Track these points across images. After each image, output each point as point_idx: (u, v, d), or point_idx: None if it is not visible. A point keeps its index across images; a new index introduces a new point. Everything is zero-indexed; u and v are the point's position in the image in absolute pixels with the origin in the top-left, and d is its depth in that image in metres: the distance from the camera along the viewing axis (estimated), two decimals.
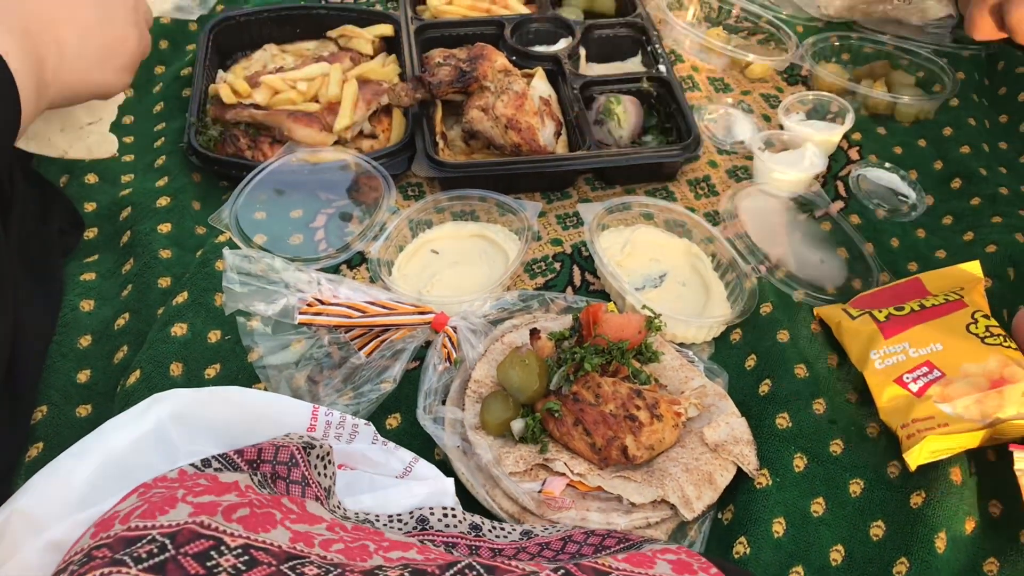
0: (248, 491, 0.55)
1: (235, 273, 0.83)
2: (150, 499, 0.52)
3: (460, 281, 1.02)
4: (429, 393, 0.86)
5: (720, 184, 1.17)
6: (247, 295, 0.84)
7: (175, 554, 0.48)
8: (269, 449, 0.61)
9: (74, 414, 0.87)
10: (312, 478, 0.61)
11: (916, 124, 1.27)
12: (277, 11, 1.32)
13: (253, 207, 1.06)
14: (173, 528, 0.49)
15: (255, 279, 0.85)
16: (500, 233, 1.06)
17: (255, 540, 0.50)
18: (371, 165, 1.08)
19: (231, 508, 0.52)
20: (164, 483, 0.54)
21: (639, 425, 0.81)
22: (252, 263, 0.85)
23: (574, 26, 1.31)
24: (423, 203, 1.06)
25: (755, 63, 1.32)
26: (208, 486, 0.54)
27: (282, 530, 0.52)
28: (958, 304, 0.90)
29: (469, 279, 1.03)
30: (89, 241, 1.05)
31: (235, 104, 1.14)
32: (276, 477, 0.60)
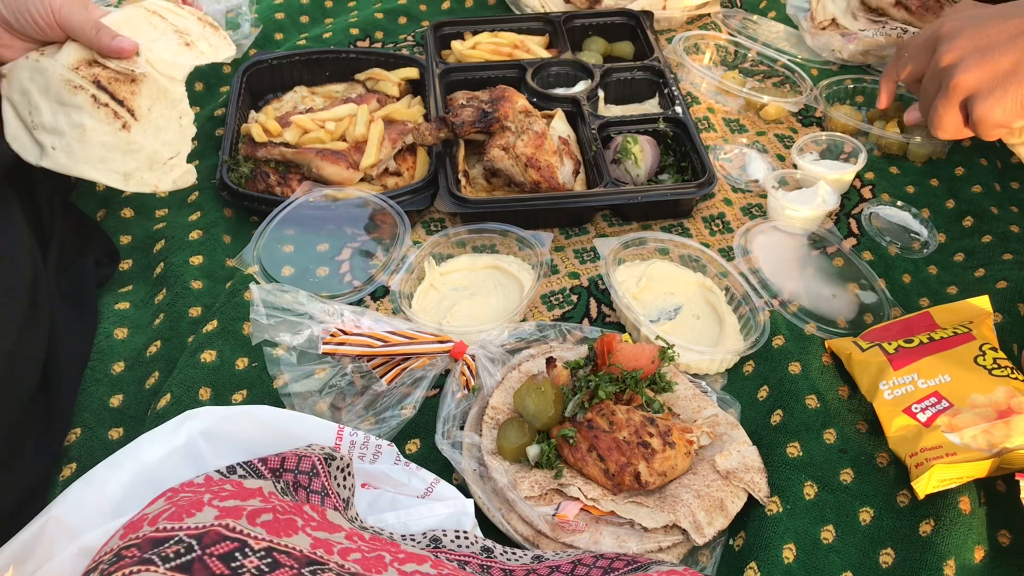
0: (272, 497, 0.58)
1: (262, 306, 0.87)
2: (177, 502, 0.55)
3: (477, 311, 1.06)
4: (448, 419, 0.88)
5: (735, 221, 1.20)
6: (273, 327, 0.88)
7: (201, 554, 0.51)
8: (292, 459, 0.64)
9: (106, 436, 0.91)
10: (332, 489, 0.64)
11: (928, 164, 1.30)
12: (307, 55, 1.38)
13: (281, 241, 1.10)
14: (200, 530, 0.52)
15: (281, 311, 0.88)
16: (514, 264, 1.10)
17: (278, 544, 0.53)
18: (387, 204, 1.12)
19: (255, 513, 0.54)
20: (191, 488, 0.57)
21: (652, 452, 0.83)
22: (278, 296, 0.89)
23: (593, 69, 1.35)
24: (440, 236, 1.10)
25: (770, 104, 1.35)
26: (233, 491, 0.57)
27: (303, 536, 0.55)
28: (966, 337, 0.92)
29: (485, 309, 1.06)
30: (124, 272, 1.09)
31: (266, 142, 1.18)
32: (298, 486, 0.63)
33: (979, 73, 0.89)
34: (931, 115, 0.96)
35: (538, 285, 1.05)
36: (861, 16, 1.48)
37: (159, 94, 1.03)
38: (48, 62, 1.01)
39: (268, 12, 1.54)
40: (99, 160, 1.02)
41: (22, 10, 0.97)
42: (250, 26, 1.47)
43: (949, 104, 0.93)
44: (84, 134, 1.00)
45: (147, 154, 1.05)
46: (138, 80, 1.01)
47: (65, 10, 0.98)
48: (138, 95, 1.04)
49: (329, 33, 1.51)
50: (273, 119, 1.23)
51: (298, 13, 1.57)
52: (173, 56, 1.04)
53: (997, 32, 0.88)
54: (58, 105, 1.01)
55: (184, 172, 1.09)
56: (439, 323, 1.02)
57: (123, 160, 1.04)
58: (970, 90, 0.90)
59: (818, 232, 1.15)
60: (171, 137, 1.07)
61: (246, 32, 1.46)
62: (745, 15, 1.59)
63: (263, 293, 0.90)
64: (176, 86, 1.04)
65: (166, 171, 1.08)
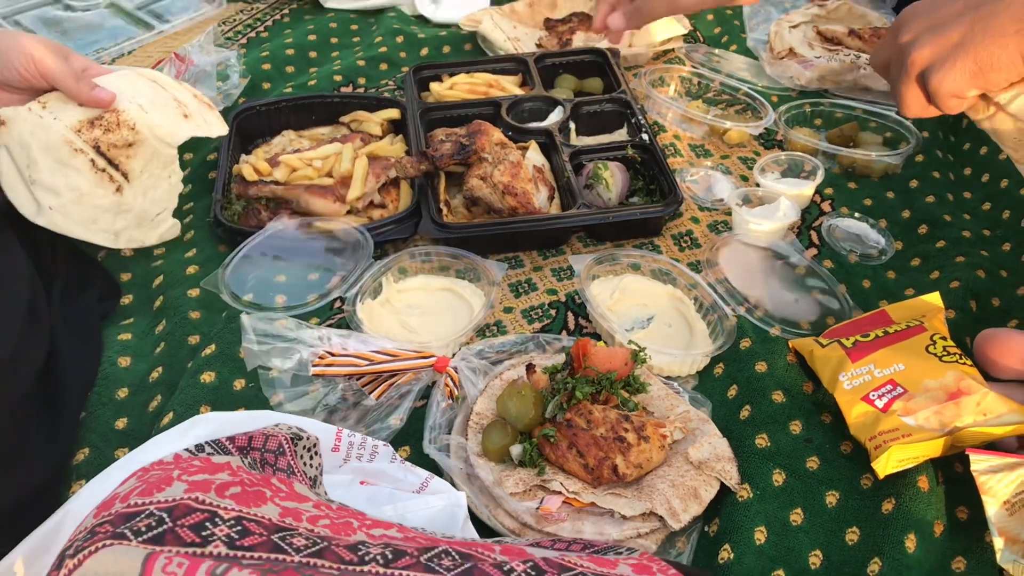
0: (239, 471, 0.62)
1: (253, 333, 0.93)
2: (148, 480, 0.59)
3: (425, 329, 1.11)
4: (434, 427, 0.94)
5: (702, 238, 1.27)
6: (266, 353, 0.94)
7: (172, 526, 0.54)
8: (259, 437, 0.68)
9: (113, 455, 0.96)
10: (298, 467, 0.68)
11: (884, 178, 1.37)
12: (294, 100, 1.45)
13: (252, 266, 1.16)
14: (170, 503, 0.56)
15: (272, 338, 0.94)
16: (468, 289, 1.16)
17: (247, 513, 0.57)
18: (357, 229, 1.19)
19: (224, 486, 0.58)
20: (160, 466, 0.61)
21: (627, 446, 0.89)
22: (268, 324, 0.95)
23: (564, 103, 1.43)
24: (395, 256, 1.16)
25: (732, 130, 1.43)
26: (202, 467, 0.61)
27: (272, 506, 0.59)
28: (919, 329, 0.98)
29: (435, 328, 1.11)
30: (125, 306, 1.15)
31: (256, 181, 1.25)
32: (264, 463, 0.67)
33: (932, 48, 0.93)
34: (896, 95, 1.01)
35: (485, 313, 1.10)
36: (817, 46, 1.57)
37: (151, 156, 1.10)
38: (50, 120, 1.07)
39: (255, 63, 1.62)
40: (91, 221, 1.10)
41: (4, 62, 1.04)
42: (239, 76, 1.55)
43: (908, 81, 0.97)
44: (80, 198, 1.07)
45: (136, 213, 1.13)
46: (135, 144, 1.08)
47: (46, 61, 1.05)
48: (133, 158, 1.11)
49: (314, 81, 1.59)
50: (263, 160, 1.30)
51: (284, 63, 1.66)
52: (172, 125, 1.11)
53: (947, 11, 0.93)
54: (56, 164, 1.07)
55: (170, 227, 1.18)
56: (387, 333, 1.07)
57: (114, 220, 1.11)
58: (924, 64, 0.95)
59: (781, 244, 1.22)
60: (160, 195, 1.16)
61: (235, 82, 1.54)
62: (708, 49, 1.68)
63: (254, 321, 0.96)
64: (168, 149, 1.11)
65: (153, 227, 1.16)
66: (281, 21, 1.85)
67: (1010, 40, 0.88)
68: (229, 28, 1.81)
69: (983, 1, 0.91)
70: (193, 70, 1.47)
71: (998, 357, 0.96)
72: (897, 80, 1.00)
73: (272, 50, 1.68)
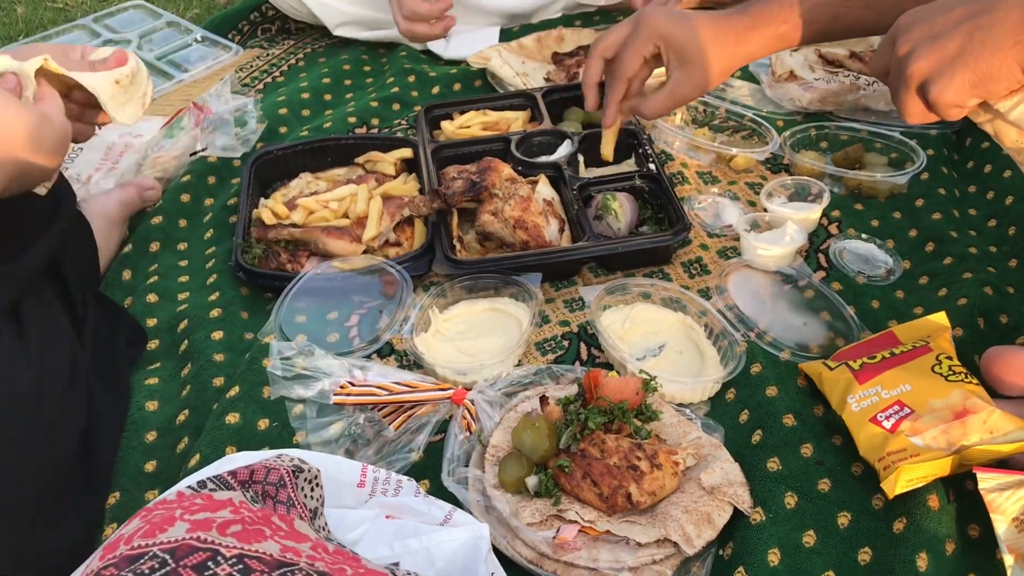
0: (242, 507, 0.64)
1: (279, 361, 0.96)
2: (151, 520, 0.60)
3: (481, 350, 1.15)
4: (452, 459, 0.96)
5: (711, 264, 1.29)
6: (289, 382, 0.97)
7: (175, 567, 0.56)
8: (260, 471, 0.70)
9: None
10: (298, 499, 0.70)
11: (891, 199, 1.39)
12: (310, 144, 1.50)
13: (295, 313, 1.20)
14: (172, 544, 0.57)
15: (296, 368, 0.97)
16: (511, 305, 1.20)
17: (249, 550, 0.58)
18: (392, 267, 1.22)
19: (225, 524, 0.60)
20: (163, 505, 0.63)
21: (641, 474, 0.91)
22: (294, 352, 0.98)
23: (572, 137, 1.46)
24: (438, 289, 1.20)
25: (739, 156, 1.45)
26: (204, 504, 0.63)
27: (272, 543, 0.61)
28: (924, 349, 1.00)
29: (489, 347, 1.15)
30: (152, 351, 1.19)
31: (275, 224, 1.29)
32: (265, 496, 0.69)
33: (930, 60, 0.94)
34: (897, 105, 1.01)
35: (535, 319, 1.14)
36: (818, 68, 1.60)
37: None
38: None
39: (272, 108, 1.67)
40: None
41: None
42: (256, 122, 1.60)
43: (909, 91, 0.98)
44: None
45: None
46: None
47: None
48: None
49: (329, 123, 1.63)
50: (281, 203, 1.34)
51: (300, 107, 1.70)
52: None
53: (944, 20, 0.94)
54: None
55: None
56: (447, 361, 1.11)
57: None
58: (923, 76, 0.95)
59: (789, 268, 1.24)
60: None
61: (253, 128, 1.59)
62: None
63: (280, 350, 0.99)
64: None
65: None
66: (296, 65, 1.90)
67: (1009, 52, 0.89)
68: (246, 74, 1.87)
69: (980, 10, 0.92)
70: (211, 118, 1.52)
71: (1005, 375, 0.97)
72: (897, 90, 1.01)
73: (288, 94, 1.73)
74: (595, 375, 0.97)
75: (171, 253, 1.37)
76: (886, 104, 1.53)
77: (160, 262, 1.34)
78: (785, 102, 1.60)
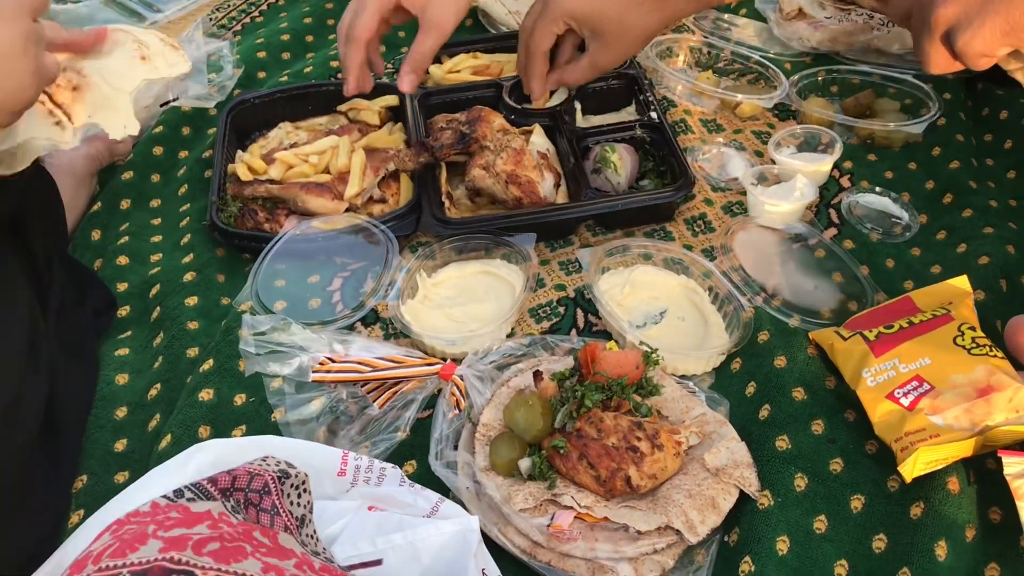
0: (221, 520, 0.58)
1: (252, 337, 0.89)
2: (122, 536, 0.55)
3: (472, 316, 1.08)
4: (440, 440, 0.90)
5: (716, 221, 1.21)
6: (264, 358, 0.90)
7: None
8: (243, 476, 0.64)
9: (112, 481, 0.93)
10: (283, 507, 0.65)
11: (905, 148, 1.31)
12: (289, 91, 1.41)
13: (273, 277, 1.13)
14: (144, 565, 0.52)
15: (271, 342, 0.91)
16: (503, 268, 1.13)
17: (227, 571, 0.54)
18: (376, 227, 1.14)
19: (202, 542, 0.55)
20: (136, 518, 0.58)
21: (641, 455, 0.85)
22: (267, 327, 0.91)
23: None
24: (425, 251, 1.13)
25: (744, 103, 1.37)
26: (179, 518, 0.57)
27: (254, 561, 0.56)
28: (945, 319, 0.93)
29: (480, 314, 1.08)
30: (122, 319, 1.12)
31: (251, 181, 1.21)
32: (248, 504, 0.64)
33: (957, 5, 0.88)
34: (919, 52, 0.96)
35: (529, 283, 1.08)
36: (829, 5, 1.50)
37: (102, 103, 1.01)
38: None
39: (250, 52, 1.57)
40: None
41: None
42: (232, 67, 1.50)
43: (932, 39, 0.92)
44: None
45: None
46: (80, 88, 0.98)
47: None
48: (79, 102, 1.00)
49: (310, 68, 1.54)
50: (258, 157, 1.25)
51: (279, 50, 1.60)
52: (127, 68, 1.02)
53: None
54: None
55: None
56: (436, 330, 1.05)
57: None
58: (950, 23, 0.90)
59: (798, 225, 1.16)
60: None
61: (229, 74, 1.49)
62: (717, 15, 1.61)
63: (253, 324, 0.92)
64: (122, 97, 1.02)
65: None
66: (276, 4, 1.79)
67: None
68: (223, 15, 1.76)
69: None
70: None
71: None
72: (920, 37, 0.94)
73: (267, 36, 1.62)
74: (592, 349, 0.91)
75: (143, 211, 1.29)
76: (900, 46, 1.44)
77: (131, 220, 1.26)
78: (794, 42, 1.50)
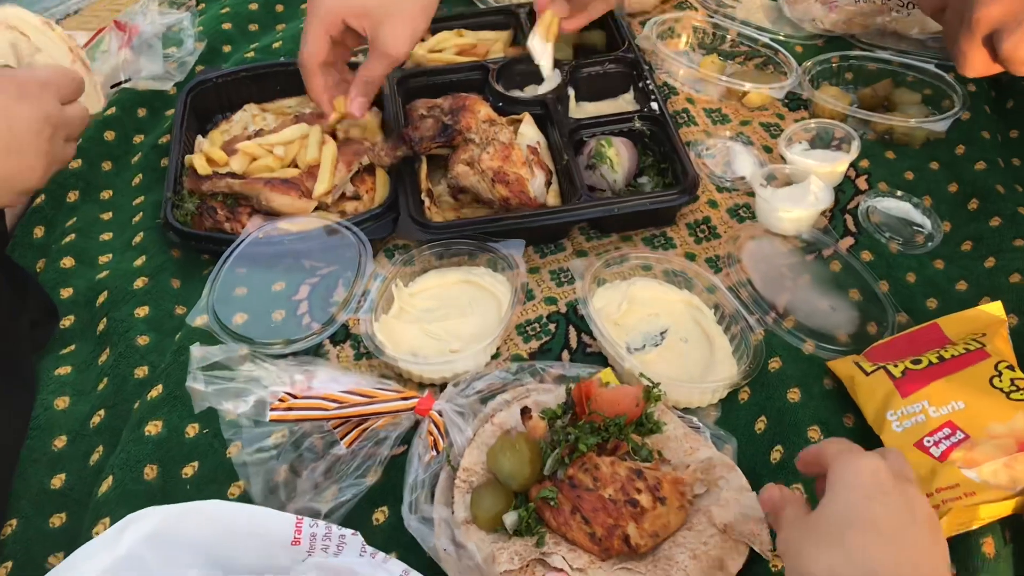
0: None
1: (200, 371, 0.79)
2: None
3: (454, 335, 0.97)
4: (416, 486, 0.81)
5: (721, 225, 1.11)
6: (215, 394, 0.80)
7: None
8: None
9: (47, 524, 0.83)
10: None
11: (927, 145, 1.21)
12: (255, 69, 1.28)
13: (233, 284, 1.02)
14: None
15: (224, 378, 0.80)
16: (487, 277, 1.02)
17: None
18: (349, 230, 1.04)
19: None
20: None
21: (641, 511, 0.76)
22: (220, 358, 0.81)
23: (562, 65, 1.25)
24: (402, 257, 1.03)
25: (752, 92, 1.26)
26: None
27: None
28: (979, 354, 0.84)
29: (463, 330, 0.98)
30: (65, 330, 1.01)
31: (211, 174, 1.09)
32: None
33: (1003, 6, 0.81)
34: (955, 51, 0.87)
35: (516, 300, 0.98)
36: None
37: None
38: None
39: (214, 23, 1.44)
40: None
41: None
42: (194, 41, 1.38)
43: (973, 39, 0.84)
44: None
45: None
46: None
47: None
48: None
49: (279, 42, 1.41)
50: (219, 147, 1.14)
51: (246, 22, 1.47)
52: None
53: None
54: None
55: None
56: (412, 353, 0.95)
57: None
58: (995, 24, 0.82)
59: (812, 234, 1.06)
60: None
61: (190, 48, 1.37)
62: None
63: (203, 357, 0.82)
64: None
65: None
66: None
67: None
68: None
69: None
70: (141, 39, 1.29)
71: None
72: (956, 35, 0.85)
73: (233, 5, 1.49)
74: (587, 387, 0.81)
75: (92, 204, 1.17)
76: (920, 30, 1.33)
77: (79, 216, 1.14)
78: (806, 23, 1.39)
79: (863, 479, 0.62)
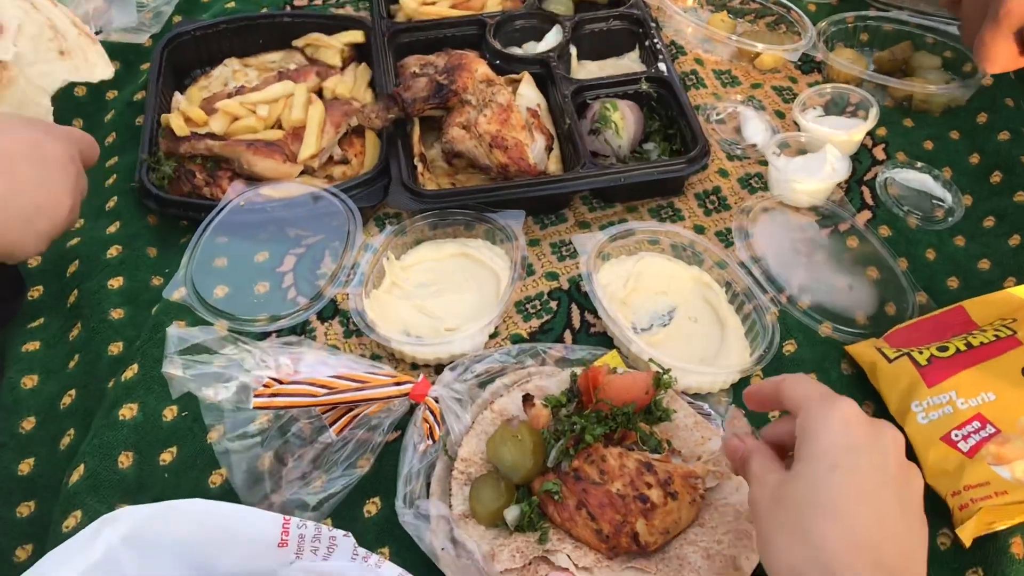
0: None
1: (178, 355, 0.72)
2: None
3: (449, 311, 0.92)
4: (410, 478, 0.75)
5: (732, 196, 1.05)
6: (194, 380, 0.73)
7: None
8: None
9: (14, 514, 0.78)
10: None
11: (947, 113, 1.15)
12: (236, 21, 1.21)
13: (213, 254, 0.95)
14: None
15: (203, 361, 0.74)
16: (484, 249, 0.97)
17: None
18: (337, 197, 0.97)
19: None
20: None
21: (651, 507, 0.71)
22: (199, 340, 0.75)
23: (563, 21, 1.18)
24: (394, 227, 0.96)
25: (765, 54, 1.19)
26: None
27: None
28: (1011, 342, 0.79)
29: (458, 307, 0.92)
30: (33, 302, 0.94)
31: (189, 135, 1.02)
32: None
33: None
34: (977, 44, 0.80)
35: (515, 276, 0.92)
36: None
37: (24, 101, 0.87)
38: None
39: None
40: None
41: None
42: None
43: (999, 32, 0.77)
44: None
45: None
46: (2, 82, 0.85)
47: None
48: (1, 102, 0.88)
49: None
50: (197, 105, 1.06)
51: None
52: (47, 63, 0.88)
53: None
54: None
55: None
56: (405, 332, 0.89)
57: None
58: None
59: (828, 207, 1.01)
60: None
61: None
62: None
63: (180, 339, 0.75)
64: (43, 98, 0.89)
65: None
66: None
67: None
68: None
69: None
70: None
71: None
72: (979, 27, 0.78)
73: None
74: (595, 374, 0.75)
75: None
76: None
77: None
78: None
79: (833, 438, 0.59)
